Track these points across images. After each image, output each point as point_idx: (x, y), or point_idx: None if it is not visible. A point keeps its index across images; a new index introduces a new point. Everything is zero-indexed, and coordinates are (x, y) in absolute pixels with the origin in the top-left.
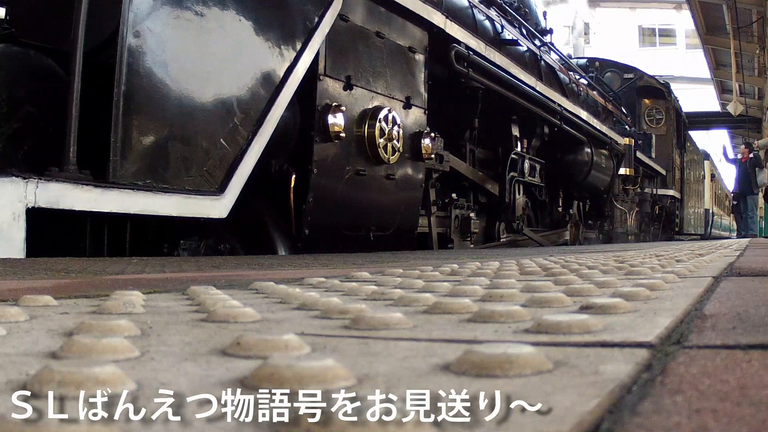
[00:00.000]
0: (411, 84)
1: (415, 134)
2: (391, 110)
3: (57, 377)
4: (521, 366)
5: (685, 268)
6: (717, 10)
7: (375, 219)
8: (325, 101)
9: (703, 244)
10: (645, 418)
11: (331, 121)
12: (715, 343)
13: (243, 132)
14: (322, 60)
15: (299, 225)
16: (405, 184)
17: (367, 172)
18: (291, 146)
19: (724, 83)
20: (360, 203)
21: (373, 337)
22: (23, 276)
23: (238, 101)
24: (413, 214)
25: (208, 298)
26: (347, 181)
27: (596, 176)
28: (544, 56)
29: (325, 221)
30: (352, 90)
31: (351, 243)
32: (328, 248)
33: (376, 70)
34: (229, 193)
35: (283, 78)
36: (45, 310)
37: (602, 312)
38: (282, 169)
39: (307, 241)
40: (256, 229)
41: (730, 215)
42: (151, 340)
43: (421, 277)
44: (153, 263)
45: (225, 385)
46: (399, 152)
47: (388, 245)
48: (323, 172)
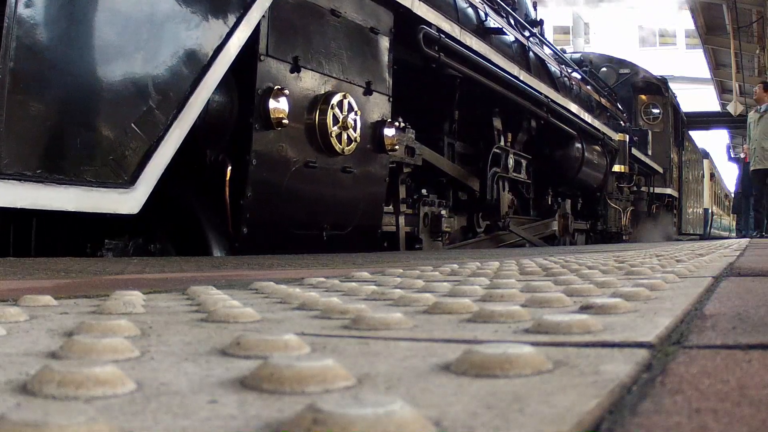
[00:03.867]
0: (372, 68)
1: (377, 123)
2: (347, 96)
3: (57, 377)
4: (521, 366)
5: (685, 268)
6: (717, 10)
7: (329, 216)
8: (267, 84)
9: (703, 244)
10: (645, 418)
11: (273, 106)
12: (715, 343)
13: (160, 116)
14: (264, 38)
15: (236, 222)
16: (365, 178)
17: (319, 164)
18: (229, 134)
19: (724, 83)
20: (311, 199)
21: (373, 337)
22: (23, 276)
23: (155, 81)
24: (376, 212)
25: (208, 298)
26: (294, 173)
27: (588, 173)
28: (533, 48)
29: (268, 218)
30: (300, 72)
31: (301, 243)
32: (273, 248)
33: (331, 51)
34: (142, 186)
35: (212, 56)
36: (45, 310)
37: (602, 312)
38: (217, 160)
39: (246, 241)
40: (189, 228)
41: (730, 215)
42: (151, 340)
43: (421, 277)
44: (153, 263)
45: (225, 385)
46: (356, 142)
47: (345, 245)
48: (264, 163)
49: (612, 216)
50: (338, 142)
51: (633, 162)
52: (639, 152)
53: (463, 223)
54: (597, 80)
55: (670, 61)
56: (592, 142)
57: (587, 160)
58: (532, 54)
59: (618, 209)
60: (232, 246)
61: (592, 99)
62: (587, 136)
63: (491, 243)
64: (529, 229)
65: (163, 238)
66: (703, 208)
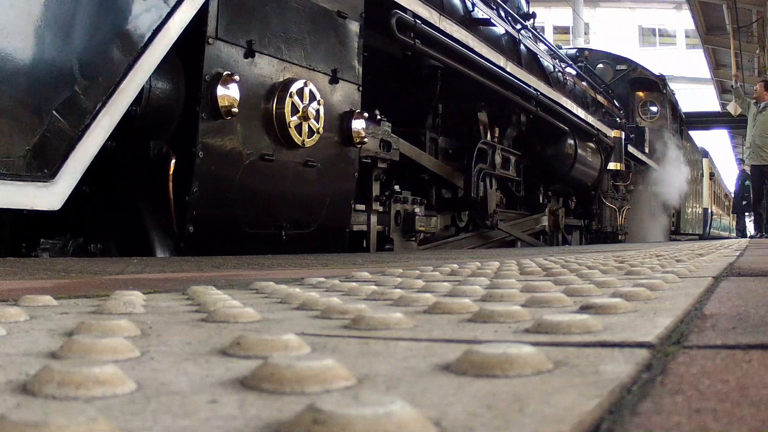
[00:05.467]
0: (339, 55)
1: (344, 114)
2: (308, 84)
3: (57, 377)
4: (521, 366)
5: (685, 268)
6: (717, 10)
7: (289, 214)
8: (216, 70)
9: (703, 244)
10: (645, 418)
11: (221, 93)
12: (715, 343)
13: (87, 102)
14: (213, 20)
15: (181, 220)
16: (331, 173)
17: (277, 158)
18: (175, 125)
19: (724, 83)
20: (267, 195)
21: (373, 337)
22: (23, 276)
23: (81, 65)
24: (343, 209)
25: (208, 298)
26: (248, 167)
27: (582, 170)
28: (525, 41)
29: (218, 216)
30: (255, 58)
31: (257, 242)
32: (224, 249)
33: (291, 36)
34: (64, 180)
35: (150, 38)
36: (45, 310)
37: (602, 312)
38: (161, 153)
39: (192, 240)
40: (132, 226)
41: (730, 215)
42: (151, 340)
43: (421, 277)
44: (153, 263)
45: (225, 385)
46: (319, 134)
47: (308, 245)
48: (212, 155)
49: (607, 215)
50: (298, 134)
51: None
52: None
53: (447, 222)
54: (593, 76)
55: (670, 61)
56: (586, 138)
57: (580, 157)
58: (523, 47)
59: (614, 208)
60: (177, 246)
61: (587, 95)
62: (580, 132)
63: (474, 242)
64: (518, 225)
65: (104, 237)
66: (702, 208)
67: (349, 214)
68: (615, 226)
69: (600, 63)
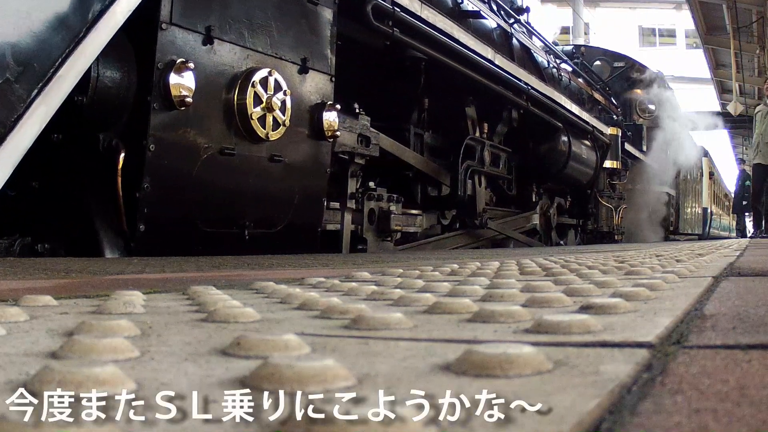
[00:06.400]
0: (310, 43)
1: (315, 106)
2: (273, 73)
3: (57, 377)
4: (521, 366)
5: (685, 268)
6: (717, 10)
7: (253, 212)
8: (170, 57)
9: (703, 244)
10: (645, 418)
11: (174, 81)
12: (715, 343)
13: (19, 90)
14: (167, 3)
15: (131, 218)
16: (300, 169)
17: (238, 152)
18: (126, 116)
19: (724, 83)
20: (228, 191)
21: (373, 337)
22: (23, 276)
23: (14, 49)
24: (314, 207)
25: (209, 298)
26: (206, 162)
27: (576, 168)
28: (517, 36)
29: (172, 214)
30: (215, 45)
31: (217, 242)
32: (180, 249)
33: (256, 22)
34: None
35: (93, 21)
36: (45, 310)
37: (602, 312)
38: (111, 146)
39: (143, 240)
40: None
41: (730, 215)
42: (151, 340)
43: (421, 277)
44: (153, 263)
45: (225, 385)
46: (285, 127)
47: (275, 245)
48: (165, 149)
49: (604, 215)
50: (261, 126)
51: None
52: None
53: (434, 221)
54: (590, 73)
55: (670, 61)
56: (581, 135)
57: (575, 155)
58: (516, 42)
59: (610, 207)
60: (128, 246)
61: (583, 92)
62: (574, 129)
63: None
64: (507, 225)
65: (52, 237)
66: (701, 208)
67: (321, 212)
68: (611, 225)
69: (597, 60)
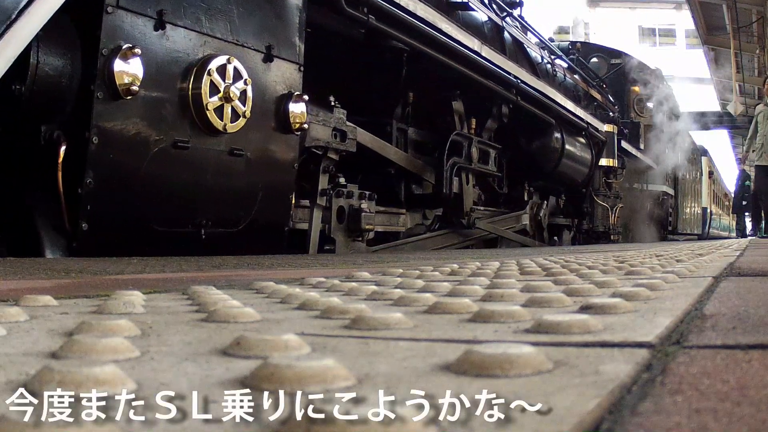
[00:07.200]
0: (276, 30)
1: (281, 97)
2: (232, 60)
3: (57, 377)
4: (521, 366)
5: (685, 268)
6: (717, 10)
7: (211, 210)
8: (117, 43)
9: (702, 244)
10: (645, 418)
11: (119, 69)
12: (715, 343)
13: None
14: None
15: (73, 216)
16: (264, 164)
17: (193, 145)
18: (70, 106)
19: (724, 83)
20: (182, 187)
21: (373, 337)
22: (23, 276)
23: None
24: (280, 205)
25: (209, 298)
26: (157, 155)
27: (570, 166)
28: (510, 29)
29: (119, 212)
30: (167, 30)
31: (171, 242)
32: (128, 250)
33: (214, 6)
34: None
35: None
36: (45, 310)
37: (602, 312)
38: (52, 138)
39: (87, 239)
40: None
41: (730, 215)
42: (151, 340)
43: (421, 277)
44: (153, 263)
45: (225, 385)
46: (244, 118)
47: (237, 245)
48: (110, 141)
49: (599, 214)
50: (218, 118)
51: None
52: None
53: (418, 220)
54: (586, 70)
55: (670, 61)
56: (575, 132)
57: (568, 152)
58: (508, 35)
59: (606, 207)
60: (70, 245)
61: (579, 88)
62: (568, 125)
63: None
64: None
65: None
66: (701, 208)
67: (288, 210)
68: (607, 225)
69: (594, 57)
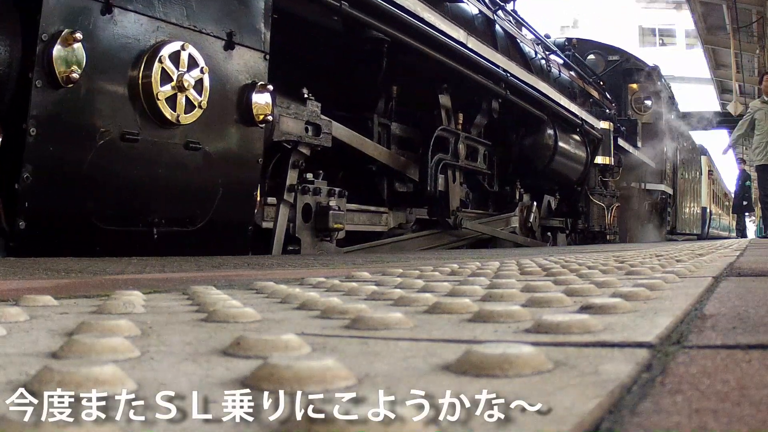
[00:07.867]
0: (238, 15)
1: (243, 87)
2: (187, 47)
3: (57, 377)
4: (521, 366)
5: (685, 268)
6: (717, 10)
7: (164, 208)
8: (57, 28)
9: (702, 244)
10: (645, 418)
11: (59, 55)
12: (715, 343)
13: None
14: None
15: (10, 214)
16: (224, 158)
17: (143, 137)
18: (8, 95)
19: (724, 83)
20: (131, 183)
21: (373, 337)
22: (23, 276)
23: None
24: (243, 202)
25: (208, 298)
26: (103, 148)
27: (563, 163)
28: (502, 23)
29: (60, 209)
30: (114, 14)
31: (119, 242)
32: (71, 250)
33: None
34: None
35: None
36: (45, 310)
37: (602, 312)
38: None
39: (25, 238)
40: None
41: (730, 215)
42: (151, 340)
43: (421, 277)
44: (153, 263)
45: (225, 385)
46: (200, 109)
47: (193, 245)
48: (50, 133)
49: (595, 213)
50: (171, 108)
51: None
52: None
53: (402, 219)
54: (582, 66)
55: (670, 61)
56: (569, 129)
57: (561, 149)
58: (500, 29)
59: (602, 206)
60: (7, 245)
61: (574, 85)
62: (561, 122)
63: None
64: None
65: None
66: (700, 207)
67: (252, 208)
68: (603, 225)
69: (591, 54)
